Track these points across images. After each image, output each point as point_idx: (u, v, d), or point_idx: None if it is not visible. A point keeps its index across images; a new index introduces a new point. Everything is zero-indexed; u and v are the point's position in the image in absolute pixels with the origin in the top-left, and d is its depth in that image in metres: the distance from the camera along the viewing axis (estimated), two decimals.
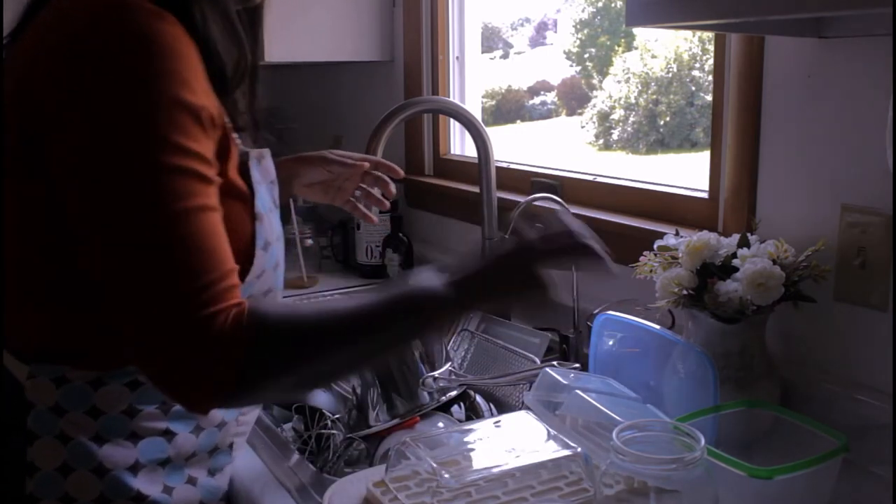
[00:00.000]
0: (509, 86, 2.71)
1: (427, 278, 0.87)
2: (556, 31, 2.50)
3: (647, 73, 2.24)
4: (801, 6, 0.81)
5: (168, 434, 0.94)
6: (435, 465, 0.94)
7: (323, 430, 1.23)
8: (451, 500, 0.94)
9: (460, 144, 2.13)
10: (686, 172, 1.60)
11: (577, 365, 1.23)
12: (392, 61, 2.22)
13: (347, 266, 2.18)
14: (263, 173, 0.97)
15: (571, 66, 2.53)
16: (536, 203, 1.51)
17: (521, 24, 2.65)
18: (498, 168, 1.66)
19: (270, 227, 0.94)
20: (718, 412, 1.00)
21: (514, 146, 2.33)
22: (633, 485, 1.00)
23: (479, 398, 1.32)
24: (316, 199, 1.34)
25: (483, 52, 2.19)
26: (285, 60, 2.12)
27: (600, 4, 2.39)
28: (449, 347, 1.48)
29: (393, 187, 1.33)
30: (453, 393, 1.23)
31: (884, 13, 0.74)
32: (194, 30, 0.84)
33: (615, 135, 2.36)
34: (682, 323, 1.20)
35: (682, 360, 1.09)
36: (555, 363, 1.20)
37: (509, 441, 1.02)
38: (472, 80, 2.11)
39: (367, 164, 1.31)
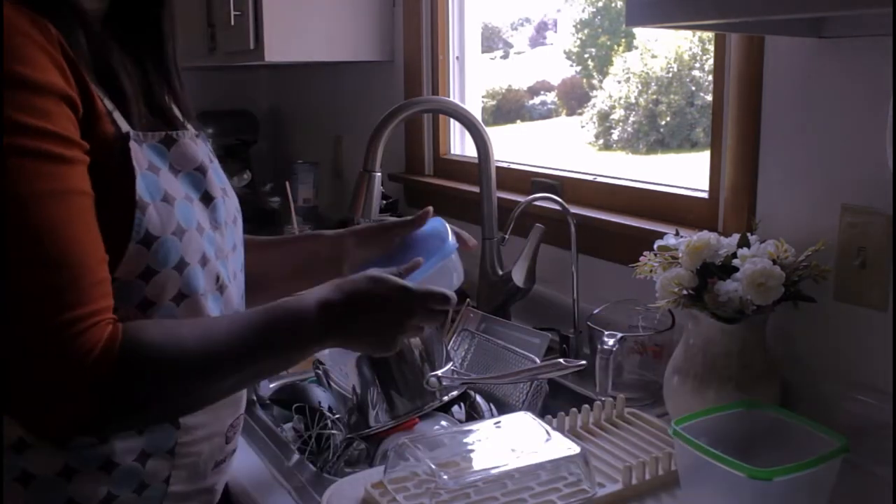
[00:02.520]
0: (509, 86, 2.70)
1: (310, 303, 0.88)
2: (556, 31, 2.50)
3: (647, 73, 2.24)
4: (801, 6, 0.81)
5: (110, 498, 0.83)
6: (433, 467, 0.94)
7: (323, 430, 1.23)
8: (450, 502, 0.94)
9: (460, 144, 2.13)
10: (686, 172, 1.60)
11: (584, 362, 1.22)
12: (392, 61, 2.22)
13: None
14: (178, 159, 0.87)
15: (571, 66, 2.52)
16: (536, 203, 1.51)
17: (521, 24, 2.64)
18: (498, 168, 1.66)
19: (167, 217, 0.82)
20: (718, 412, 1.00)
21: (514, 146, 2.32)
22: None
23: (479, 398, 1.32)
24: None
25: (483, 52, 2.19)
26: (285, 60, 2.12)
27: (600, 4, 2.39)
28: (449, 347, 1.48)
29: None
30: (455, 392, 1.23)
31: (884, 13, 0.74)
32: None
33: (615, 135, 2.35)
34: (682, 323, 1.20)
35: None
36: (561, 360, 1.20)
37: (509, 442, 1.02)
38: (472, 80, 2.11)
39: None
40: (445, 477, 0.92)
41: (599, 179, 1.64)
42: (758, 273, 1.06)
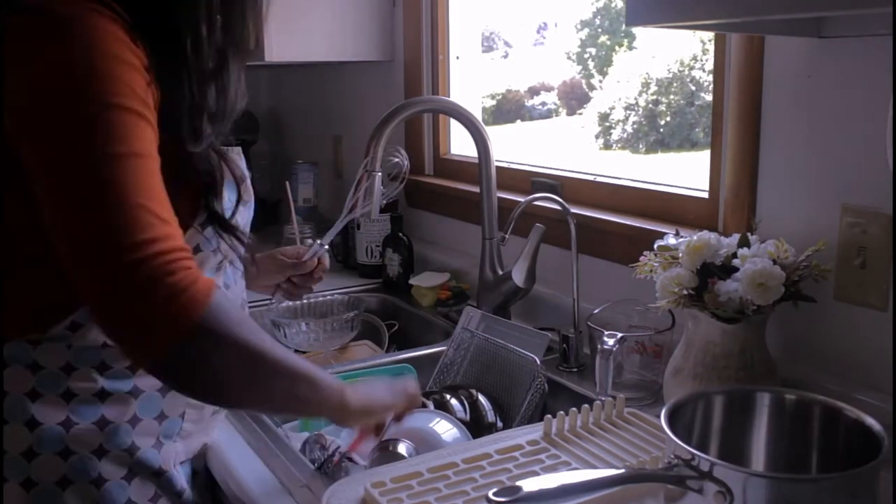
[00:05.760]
0: (509, 86, 2.71)
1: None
2: (556, 31, 2.50)
3: (647, 73, 2.24)
4: (801, 6, 0.81)
5: (103, 395, 0.97)
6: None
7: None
8: (450, 499, 0.94)
9: (460, 144, 2.13)
10: (686, 172, 1.60)
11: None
12: (392, 61, 2.22)
13: (347, 266, 2.18)
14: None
15: (571, 66, 2.53)
16: (536, 203, 1.51)
17: (521, 24, 2.65)
18: (498, 168, 1.66)
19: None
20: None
21: (514, 146, 2.32)
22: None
23: (481, 397, 1.32)
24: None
25: (483, 52, 2.19)
26: (285, 60, 2.12)
27: (600, 4, 2.39)
28: (448, 348, 1.48)
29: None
30: None
31: (884, 13, 0.74)
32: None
33: (615, 135, 2.36)
34: (682, 323, 1.20)
35: None
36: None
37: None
38: (472, 80, 2.11)
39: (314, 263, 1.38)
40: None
41: (599, 179, 1.64)
42: (758, 273, 1.06)
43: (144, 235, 0.78)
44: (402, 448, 1.07)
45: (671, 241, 1.20)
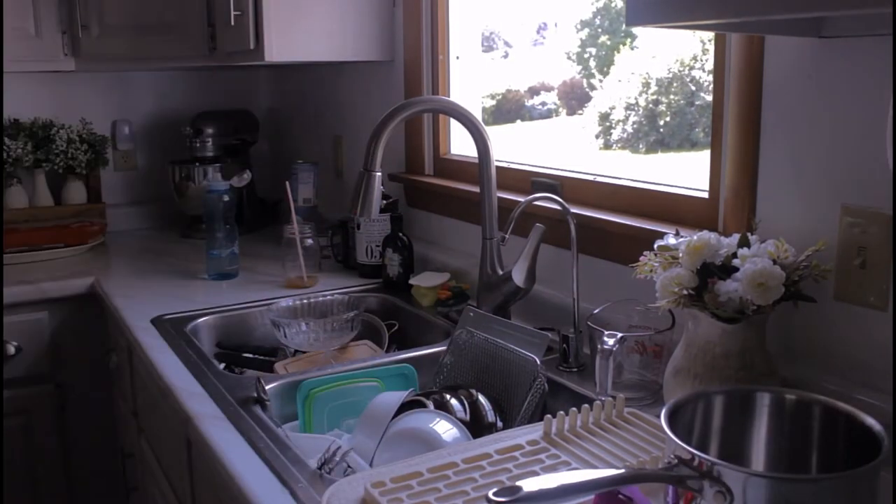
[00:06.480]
0: (509, 86, 2.70)
1: None
2: (556, 31, 2.50)
3: (647, 73, 2.24)
4: (801, 6, 0.81)
5: None
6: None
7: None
8: (450, 499, 0.94)
9: (460, 144, 2.13)
10: (686, 172, 1.60)
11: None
12: (392, 61, 2.22)
13: (347, 266, 2.18)
14: None
15: (572, 66, 2.53)
16: (536, 203, 1.51)
17: (521, 24, 2.64)
18: (498, 168, 1.66)
19: None
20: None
21: (514, 146, 2.32)
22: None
23: (481, 397, 1.32)
24: None
25: (483, 52, 2.19)
26: (285, 60, 2.12)
27: (600, 4, 2.39)
28: (448, 348, 1.48)
29: None
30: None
31: (884, 13, 0.74)
32: None
33: (615, 134, 2.35)
34: (682, 323, 1.20)
35: None
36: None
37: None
38: (472, 80, 2.11)
39: None
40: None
41: (599, 179, 1.64)
42: (758, 273, 1.06)
43: None
44: None
45: (671, 241, 1.20)
